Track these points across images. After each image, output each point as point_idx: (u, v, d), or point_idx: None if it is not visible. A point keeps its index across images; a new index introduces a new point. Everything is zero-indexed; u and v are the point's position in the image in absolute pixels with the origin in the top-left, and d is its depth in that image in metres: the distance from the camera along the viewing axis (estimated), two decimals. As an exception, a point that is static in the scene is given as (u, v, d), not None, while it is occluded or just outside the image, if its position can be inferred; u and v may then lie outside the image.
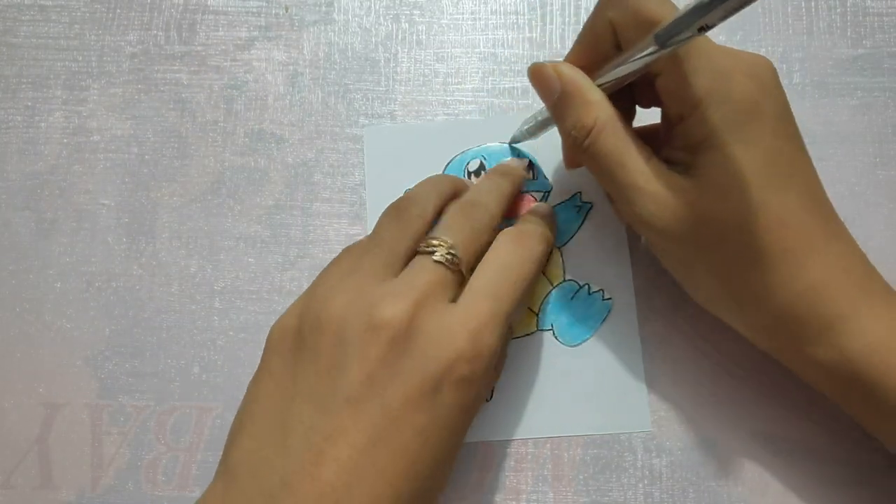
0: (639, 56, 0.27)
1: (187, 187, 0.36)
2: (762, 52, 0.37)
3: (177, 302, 0.35)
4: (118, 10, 0.39)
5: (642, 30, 0.26)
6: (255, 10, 0.39)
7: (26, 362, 0.34)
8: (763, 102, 0.26)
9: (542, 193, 0.35)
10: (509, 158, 0.36)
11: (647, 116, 0.32)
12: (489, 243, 0.30)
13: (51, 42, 0.39)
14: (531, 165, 0.36)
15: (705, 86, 0.26)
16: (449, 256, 0.28)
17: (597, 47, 0.29)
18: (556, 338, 0.34)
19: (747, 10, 0.37)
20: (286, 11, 0.39)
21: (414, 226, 0.29)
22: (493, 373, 0.32)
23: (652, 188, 0.27)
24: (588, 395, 0.33)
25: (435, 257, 0.28)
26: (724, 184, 0.26)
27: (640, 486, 0.32)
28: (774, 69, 0.27)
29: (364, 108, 0.37)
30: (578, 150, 0.29)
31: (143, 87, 0.38)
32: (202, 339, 0.35)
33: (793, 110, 0.28)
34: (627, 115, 0.31)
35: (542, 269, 0.30)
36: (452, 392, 0.25)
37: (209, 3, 0.39)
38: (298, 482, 0.23)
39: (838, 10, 0.37)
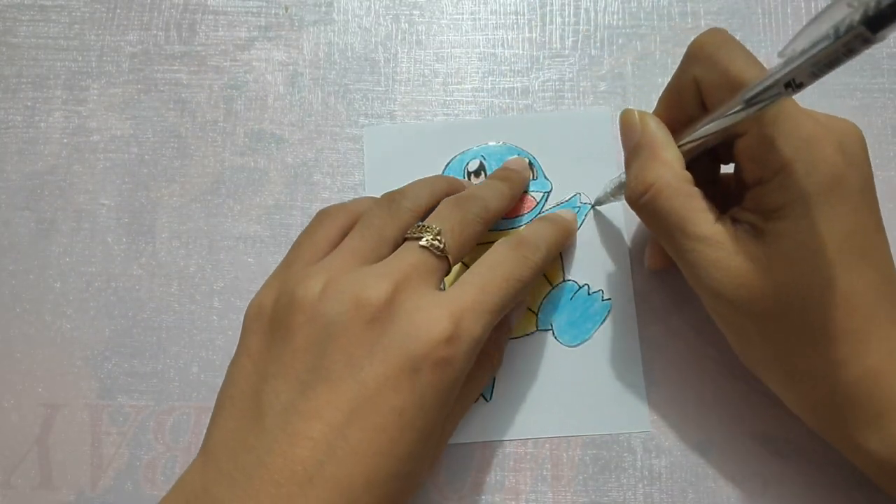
0: (724, 115, 0.26)
1: (187, 187, 0.36)
2: (762, 52, 0.37)
3: (176, 302, 0.35)
4: (118, 10, 0.39)
5: (728, 90, 0.26)
6: (255, 10, 0.39)
7: (26, 362, 0.34)
8: (848, 176, 0.25)
9: (542, 193, 0.35)
10: (509, 158, 0.36)
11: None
12: (481, 235, 0.30)
13: (51, 42, 0.39)
14: (531, 165, 0.36)
15: (790, 153, 0.25)
16: (435, 242, 0.28)
17: (681, 105, 0.29)
18: (555, 338, 0.34)
19: (747, 10, 0.37)
20: (286, 11, 0.39)
21: (404, 217, 0.29)
22: (484, 369, 0.32)
23: (714, 255, 0.26)
24: (587, 395, 0.33)
25: (421, 242, 0.28)
26: (796, 256, 0.25)
27: (640, 486, 0.32)
28: (863, 138, 0.27)
29: (364, 108, 0.37)
30: (635, 204, 0.28)
31: (142, 87, 0.38)
32: (201, 339, 0.35)
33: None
34: (708, 173, 0.30)
35: (539, 275, 0.30)
36: (431, 373, 0.25)
37: (209, 3, 0.39)
38: (272, 460, 0.24)
39: (838, 11, 0.37)
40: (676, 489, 0.32)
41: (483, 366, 0.31)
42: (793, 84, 0.22)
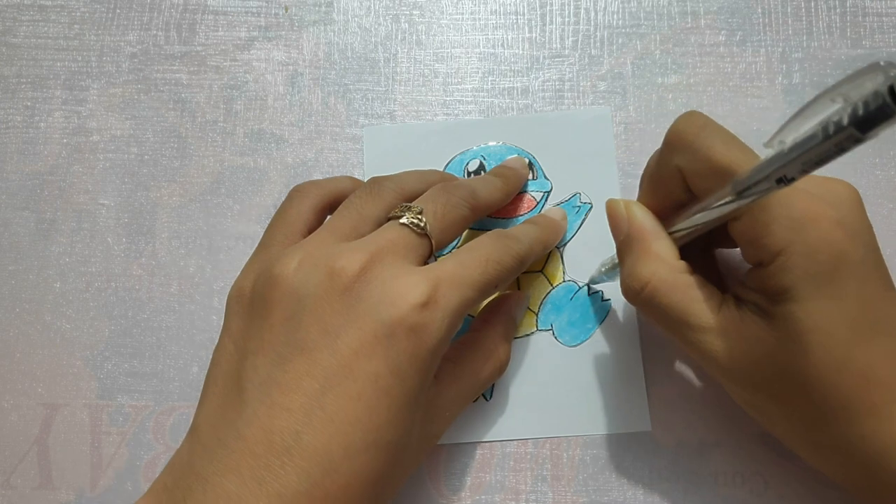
0: (715, 205, 0.25)
1: (187, 187, 0.36)
2: (762, 52, 0.37)
3: (176, 302, 0.35)
4: (118, 10, 0.39)
5: (713, 176, 0.25)
6: (255, 10, 0.39)
7: (26, 362, 0.34)
8: (850, 251, 0.25)
9: (542, 193, 0.35)
10: (509, 157, 0.35)
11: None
12: (467, 221, 0.30)
13: (51, 42, 0.39)
14: (531, 166, 0.36)
15: (786, 236, 0.24)
16: (415, 220, 0.27)
17: (666, 191, 0.28)
18: (555, 338, 0.34)
19: (747, 10, 0.37)
20: (286, 11, 0.39)
21: (386, 197, 0.29)
22: (490, 364, 0.31)
23: (722, 344, 0.26)
24: (587, 395, 0.33)
25: (401, 220, 0.27)
26: (808, 339, 0.25)
27: (640, 486, 0.32)
28: (859, 199, 0.26)
29: (364, 108, 0.37)
30: (633, 301, 0.28)
31: (142, 87, 0.38)
32: (201, 339, 0.35)
33: (792, 111, 0.27)
34: (704, 253, 0.30)
35: (521, 266, 0.30)
36: (405, 339, 0.25)
37: (209, 3, 0.39)
38: (251, 433, 0.24)
39: (838, 11, 0.37)
40: (676, 489, 0.32)
41: (489, 359, 0.31)
42: (784, 179, 0.21)
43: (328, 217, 0.30)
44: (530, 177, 0.35)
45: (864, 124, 0.18)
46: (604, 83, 0.37)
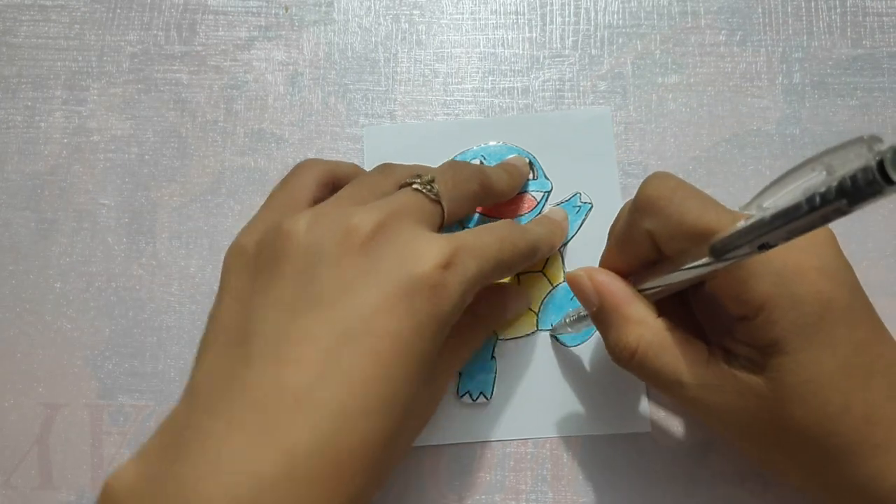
0: (690, 266, 0.25)
1: (187, 187, 0.36)
2: (762, 52, 0.37)
3: (177, 302, 0.35)
4: (118, 10, 0.39)
5: (685, 240, 0.25)
6: (255, 10, 0.39)
7: (26, 362, 0.34)
8: (836, 298, 0.24)
9: (542, 193, 0.35)
10: (510, 156, 0.35)
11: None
12: (477, 197, 0.30)
13: (51, 42, 0.39)
14: (531, 165, 0.36)
15: (768, 289, 0.24)
16: (428, 187, 0.27)
17: (634, 252, 0.28)
18: (555, 338, 0.34)
19: (747, 10, 0.37)
20: (286, 11, 0.39)
21: (398, 176, 0.28)
22: (478, 330, 0.31)
23: (718, 399, 0.26)
24: (587, 395, 0.33)
25: (413, 186, 0.27)
26: (805, 390, 0.24)
27: (640, 486, 0.32)
28: (835, 240, 0.26)
29: (364, 108, 0.37)
30: (627, 366, 0.28)
31: (143, 87, 0.38)
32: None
33: (793, 111, 0.27)
34: (681, 305, 0.30)
35: (532, 255, 0.29)
36: (427, 298, 0.24)
37: (209, 3, 0.39)
38: (259, 387, 0.22)
39: (838, 11, 0.37)
40: (676, 489, 0.32)
41: (476, 327, 0.31)
42: (766, 245, 0.21)
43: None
44: (530, 177, 0.35)
45: (852, 198, 0.18)
46: (604, 83, 0.37)
